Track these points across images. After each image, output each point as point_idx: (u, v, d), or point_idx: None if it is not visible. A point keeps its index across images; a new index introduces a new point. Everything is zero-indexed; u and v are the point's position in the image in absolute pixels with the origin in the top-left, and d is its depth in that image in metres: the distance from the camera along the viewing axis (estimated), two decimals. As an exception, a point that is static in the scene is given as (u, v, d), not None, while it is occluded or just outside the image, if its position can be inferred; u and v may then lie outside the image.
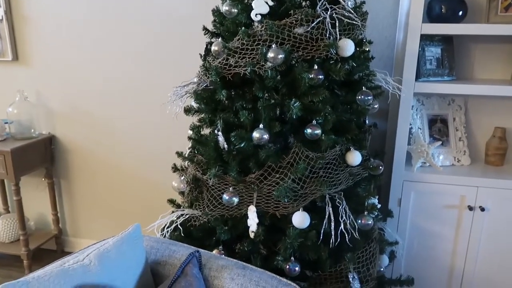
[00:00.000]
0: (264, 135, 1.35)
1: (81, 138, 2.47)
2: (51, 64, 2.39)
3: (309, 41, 1.37)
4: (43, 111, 2.48)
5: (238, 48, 1.41)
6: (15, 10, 2.36)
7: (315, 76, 1.34)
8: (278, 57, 1.32)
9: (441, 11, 1.75)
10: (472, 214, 1.75)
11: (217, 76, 1.42)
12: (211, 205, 1.48)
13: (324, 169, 1.40)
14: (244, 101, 1.46)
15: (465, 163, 1.89)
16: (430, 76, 1.80)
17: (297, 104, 1.33)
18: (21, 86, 2.46)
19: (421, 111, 1.92)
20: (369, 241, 1.53)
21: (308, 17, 1.35)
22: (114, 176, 2.48)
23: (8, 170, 2.19)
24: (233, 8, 1.46)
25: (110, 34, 2.26)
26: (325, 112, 1.38)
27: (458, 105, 1.94)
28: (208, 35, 1.62)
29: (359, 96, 1.45)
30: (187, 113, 1.63)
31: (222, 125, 1.45)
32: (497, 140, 1.87)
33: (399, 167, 1.78)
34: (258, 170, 1.41)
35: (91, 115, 2.42)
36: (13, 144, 2.23)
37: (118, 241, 1.21)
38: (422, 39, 1.75)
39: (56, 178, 2.57)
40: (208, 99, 1.53)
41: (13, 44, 2.41)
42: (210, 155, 1.47)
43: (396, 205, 1.81)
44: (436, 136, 1.92)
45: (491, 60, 1.90)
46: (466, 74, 1.93)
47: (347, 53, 1.37)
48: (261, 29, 1.38)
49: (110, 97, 2.36)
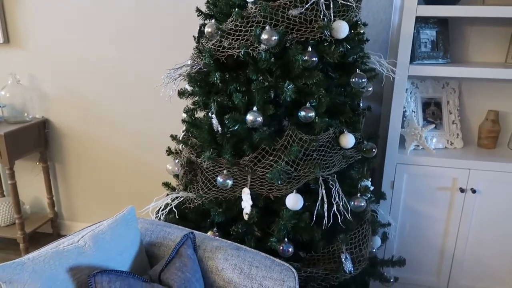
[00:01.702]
0: (258, 118, 1.34)
1: (75, 121, 2.45)
2: (43, 47, 2.36)
3: (303, 23, 1.36)
4: (36, 95, 2.45)
5: (231, 29, 1.40)
6: (5, -9, 2.32)
7: (309, 58, 1.33)
8: (272, 39, 1.31)
9: (436, -7, 1.74)
10: (463, 196, 1.77)
11: (210, 58, 1.41)
12: (206, 187, 1.49)
13: (317, 152, 1.41)
14: (238, 84, 1.45)
15: (458, 146, 1.91)
16: (425, 58, 1.80)
17: (290, 86, 1.33)
18: (13, 69, 2.43)
19: (415, 94, 1.92)
20: (362, 223, 1.55)
21: (302, -2, 1.33)
22: (108, 159, 2.48)
23: (2, 154, 2.18)
24: (226, -11, 1.44)
25: (103, 15, 2.23)
26: (319, 94, 1.38)
27: (452, 88, 1.94)
28: (201, 16, 1.60)
29: (353, 79, 1.44)
30: (181, 96, 1.62)
31: (216, 108, 1.45)
32: (489, 123, 1.88)
33: (392, 150, 1.79)
34: (252, 152, 1.42)
35: (85, 98, 2.40)
36: (6, 128, 2.22)
37: (113, 223, 1.22)
38: (417, 21, 1.74)
39: (51, 162, 2.56)
40: (202, 82, 1.52)
41: (4, 27, 2.37)
42: (204, 138, 1.48)
43: (389, 188, 1.83)
44: (430, 119, 1.93)
45: (486, 43, 1.90)
46: (461, 57, 1.93)
47: (341, 35, 1.36)
48: (254, 10, 1.37)
49: (104, 80, 2.34)
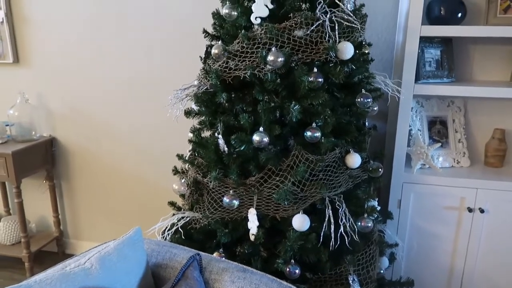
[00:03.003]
0: (264, 138, 1.35)
1: (82, 140, 2.48)
2: (51, 66, 2.40)
3: (308, 44, 1.38)
4: (44, 113, 2.48)
5: (238, 51, 1.42)
6: (15, 12, 2.37)
7: (315, 79, 1.34)
8: (278, 60, 1.32)
9: (440, 12, 1.76)
10: (471, 215, 1.75)
11: (217, 79, 1.42)
12: (212, 207, 1.49)
13: (324, 172, 1.41)
14: (244, 104, 1.47)
15: (464, 164, 1.90)
16: (430, 78, 1.81)
17: (297, 107, 1.34)
18: (22, 88, 2.47)
19: (420, 112, 1.93)
20: (369, 243, 1.54)
21: (308, 20, 1.35)
22: (114, 178, 2.49)
23: (9, 173, 2.20)
24: (233, 11, 1.46)
25: (110, 36, 2.27)
26: (325, 115, 1.38)
27: (457, 106, 1.94)
28: (208, 38, 1.63)
29: (358, 99, 1.45)
30: (188, 116, 1.63)
31: (222, 128, 1.46)
32: (496, 142, 1.87)
33: (398, 169, 1.78)
34: (258, 172, 1.42)
35: (92, 117, 2.42)
36: (14, 147, 2.24)
37: (119, 244, 1.21)
38: (421, 41, 1.76)
39: (57, 180, 2.57)
40: (208, 102, 1.53)
41: (14, 46, 2.42)
42: (211, 158, 1.48)
43: (396, 207, 1.82)
44: (436, 137, 1.92)
45: (490, 61, 1.91)
46: (466, 75, 1.94)
47: (347, 56, 1.38)
48: (261, 32, 1.39)
49: (111, 99, 2.37)
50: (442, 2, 1.75)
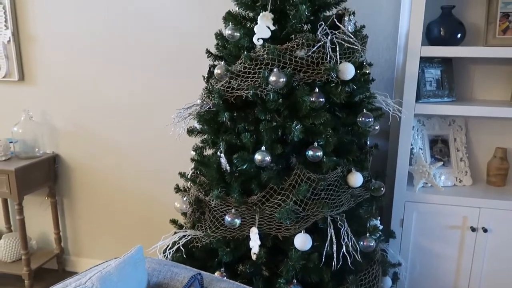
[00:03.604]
0: (266, 157, 1.36)
1: (85, 157, 2.49)
2: (56, 84, 2.43)
3: (310, 65, 1.40)
4: (47, 130, 2.50)
5: (240, 71, 1.44)
6: (22, 31, 2.41)
7: (316, 99, 1.36)
8: (279, 80, 1.34)
9: (439, 33, 1.78)
10: (475, 235, 1.74)
11: (220, 98, 1.44)
12: (213, 226, 1.49)
13: (325, 191, 1.41)
14: (246, 123, 1.48)
15: (466, 183, 1.90)
16: (430, 97, 1.82)
17: (298, 126, 1.35)
18: (27, 106, 2.49)
19: (422, 131, 1.93)
20: (372, 263, 1.53)
21: (309, 41, 1.38)
22: (116, 195, 2.49)
23: (12, 190, 2.21)
24: (235, 32, 1.49)
25: (114, 55, 2.30)
26: (326, 134, 1.39)
27: (458, 125, 1.95)
28: (211, 58, 1.65)
29: (360, 118, 1.46)
30: (190, 134, 1.65)
31: (224, 146, 1.47)
32: (498, 161, 1.87)
33: (400, 188, 1.78)
34: (260, 191, 1.42)
35: (95, 135, 2.44)
36: (17, 164, 2.25)
37: (121, 263, 1.21)
38: (421, 61, 1.78)
39: (59, 197, 2.58)
40: (211, 121, 1.55)
41: (20, 65, 2.45)
42: (213, 177, 1.49)
43: (399, 226, 1.81)
44: (437, 156, 1.93)
45: (490, 81, 1.92)
46: (466, 94, 1.95)
47: (348, 76, 1.40)
48: (263, 53, 1.41)
49: (114, 117, 2.39)
50: (441, 23, 1.78)
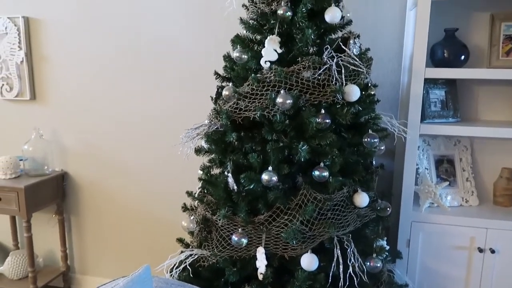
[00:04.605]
0: (273, 177, 1.38)
1: (93, 175, 2.52)
2: (66, 103, 2.48)
3: (316, 87, 1.43)
4: (57, 148, 2.54)
5: (248, 93, 1.47)
6: (35, 52, 2.48)
7: (322, 120, 1.38)
8: (286, 102, 1.37)
9: (443, 55, 1.81)
10: (482, 256, 1.73)
11: (227, 119, 1.47)
12: (220, 245, 1.50)
13: (332, 211, 1.42)
14: (253, 143, 1.50)
15: (473, 203, 1.90)
16: (435, 118, 1.84)
17: (305, 147, 1.37)
18: (38, 124, 2.54)
19: (427, 151, 1.95)
20: (378, 284, 1.52)
21: (315, 64, 1.41)
22: (123, 213, 2.51)
23: (21, 207, 2.23)
24: (243, 55, 1.53)
25: (124, 75, 2.36)
26: (333, 154, 1.41)
27: (464, 145, 1.96)
28: (219, 79, 1.69)
29: (365, 139, 1.48)
30: (198, 154, 1.67)
31: (232, 166, 1.49)
32: (504, 181, 1.87)
33: (407, 208, 1.78)
34: (266, 211, 1.43)
35: (104, 153, 2.48)
36: (27, 181, 2.28)
37: (129, 282, 1.22)
38: (426, 82, 1.80)
39: (66, 214, 2.60)
40: (219, 141, 1.57)
41: (32, 84, 2.51)
42: (220, 196, 1.50)
43: (405, 246, 1.80)
44: (443, 176, 1.93)
45: (494, 101, 1.94)
46: (471, 115, 1.97)
47: (353, 98, 1.42)
48: (270, 75, 1.44)
49: (123, 136, 2.43)
50: (445, 46, 1.81)
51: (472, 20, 1.89)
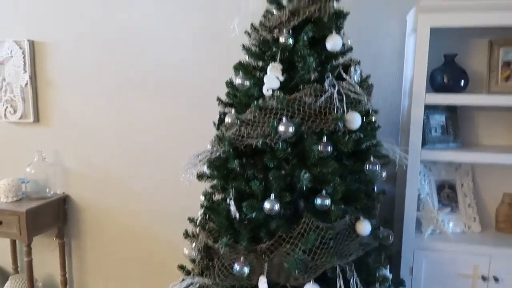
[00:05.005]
0: (275, 206, 1.37)
1: (95, 198, 2.51)
2: (69, 126, 2.50)
3: (317, 114, 1.44)
4: (59, 171, 2.54)
5: (250, 120, 1.48)
6: (39, 74, 2.51)
7: (324, 148, 1.38)
8: (288, 130, 1.38)
9: (443, 80, 1.83)
10: (486, 284, 1.71)
11: (230, 146, 1.47)
12: (222, 274, 1.48)
13: (334, 240, 1.41)
14: (255, 170, 1.50)
15: (476, 230, 1.88)
16: (436, 143, 1.85)
17: (307, 175, 1.37)
18: (41, 147, 2.54)
19: (428, 176, 1.95)
20: (382, 313, 1.50)
21: (317, 92, 1.43)
22: (125, 238, 2.49)
23: (22, 231, 2.22)
24: (245, 81, 1.55)
25: (127, 99, 2.38)
26: (334, 182, 1.41)
27: (465, 170, 1.96)
28: (221, 105, 1.70)
29: (367, 166, 1.48)
30: (200, 179, 1.67)
31: (234, 194, 1.49)
32: (506, 207, 1.87)
33: (409, 235, 1.77)
34: (269, 239, 1.42)
35: (106, 176, 2.48)
36: (28, 205, 2.28)
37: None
38: (426, 107, 1.81)
39: (67, 238, 2.58)
40: (221, 167, 1.58)
41: (35, 107, 2.53)
42: (222, 223, 1.50)
43: (408, 274, 1.78)
44: (445, 202, 1.93)
45: (495, 126, 1.95)
46: (472, 140, 1.97)
47: (355, 126, 1.43)
48: (272, 102, 1.46)
49: (126, 160, 2.43)
50: (444, 71, 1.83)
51: (471, 46, 1.92)
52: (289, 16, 1.48)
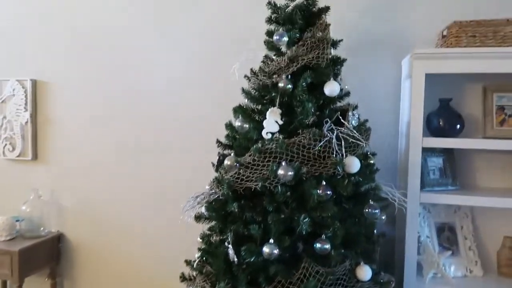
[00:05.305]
0: (274, 250, 1.36)
1: (90, 237, 2.47)
2: (67, 164, 2.50)
3: (317, 158, 1.45)
4: (55, 209, 2.52)
5: (249, 163, 1.49)
6: (40, 112, 2.54)
7: (323, 192, 1.39)
8: (287, 174, 1.39)
9: (439, 124, 1.85)
10: (490, 332, 1.67)
11: (229, 189, 1.47)
12: (219, 321, 1.44)
13: (334, 286, 1.39)
14: (254, 213, 1.49)
15: (477, 274, 1.85)
16: (435, 185, 1.85)
17: (306, 220, 1.37)
18: (37, 184, 2.52)
19: (428, 219, 1.93)
20: None
21: (316, 136, 1.44)
22: (119, 279, 2.43)
23: (13, 271, 2.17)
24: (245, 124, 1.57)
25: (126, 139, 2.39)
26: (334, 227, 1.40)
27: (464, 213, 1.95)
28: (220, 147, 1.72)
29: (366, 210, 1.48)
30: (198, 221, 1.66)
31: (232, 237, 1.47)
32: (507, 250, 1.85)
33: (410, 280, 1.73)
34: (267, 284, 1.40)
35: (102, 215, 2.45)
36: (21, 244, 2.24)
37: None
38: (423, 150, 1.83)
39: (60, 278, 2.51)
40: (219, 209, 1.57)
41: (34, 144, 2.54)
42: (220, 267, 1.47)
43: (410, 320, 1.74)
44: (446, 245, 1.91)
45: (492, 169, 1.95)
46: (470, 182, 1.97)
47: (354, 170, 1.44)
48: (271, 146, 1.47)
49: (122, 198, 2.41)
50: (440, 115, 1.85)
51: (465, 91, 1.96)
52: (288, 62, 1.52)
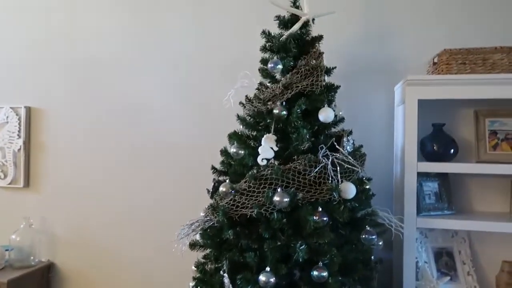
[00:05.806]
0: (270, 279, 1.34)
1: (81, 266, 2.41)
2: (59, 191, 2.46)
3: (312, 184, 1.44)
4: (45, 237, 2.46)
5: (245, 190, 1.48)
6: (33, 139, 2.52)
7: (320, 218, 1.37)
8: (283, 200, 1.38)
9: (433, 149, 1.86)
10: None
11: (224, 216, 1.46)
12: None
13: (333, 315, 1.36)
14: (250, 241, 1.47)
15: (477, 300, 1.83)
16: (431, 210, 1.84)
17: (303, 247, 1.35)
18: (28, 212, 2.47)
19: (425, 244, 1.92)
20: None
21: (311, 163, 1.44)
22: (110, 309, 2.36)
23: (2, 303, 2.10)
24: (240, 150, 1.57)
25: (119, 167, 2.38)
26: (331, 254, 1.38)
27: (461, 237, 1.94)
28: (216, 173, 1.71)
29: (363, 236, 1.47)
30: (192, 248, 1.63)
31: (228, 265, 1.44)
32: (506, 275, 1.82)
33: (410, 308, 1.71)
34: (264, 315, 1.36)
35: (94, 243, 2.40)
36: (11, 274, 2.18)
37: None
38: (419, 175, 1.83)
39: (49, 310, 2.44)
40: (214, 236, 1.54)
41: (27, 172, 2.51)
42: (215, 297, 1.44)
43: None
44: (444, 270, 1.88)
45: (487, 193, 1.96)
46: (466, 206, 1.97)
47: (350, 195, 1.43)
48: (267, 172, 1.46)
49: (115, 226, 2.37)
50: (433, 140, 1.87)
51: (458, 115, 1.98)
52: (282, 90, 1.54)
